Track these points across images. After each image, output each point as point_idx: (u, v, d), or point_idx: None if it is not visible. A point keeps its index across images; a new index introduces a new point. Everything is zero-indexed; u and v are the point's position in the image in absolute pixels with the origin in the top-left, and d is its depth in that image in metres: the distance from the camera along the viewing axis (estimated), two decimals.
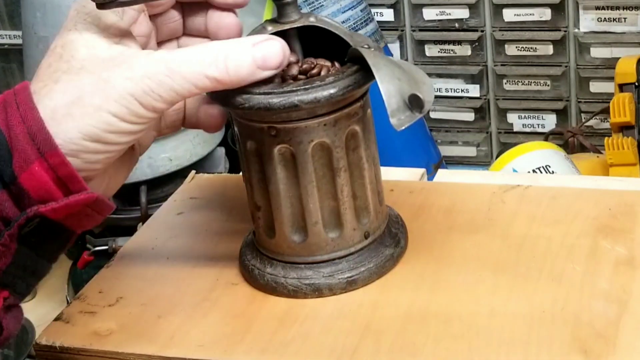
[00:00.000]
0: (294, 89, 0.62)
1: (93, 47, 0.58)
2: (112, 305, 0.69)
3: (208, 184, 0.84)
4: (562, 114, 1.68)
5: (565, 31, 1.61)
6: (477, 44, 1.67)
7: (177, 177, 1.28)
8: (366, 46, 0.64)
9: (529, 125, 1.70)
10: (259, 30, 0.64)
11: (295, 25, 0.64)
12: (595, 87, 1.63)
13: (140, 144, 0.67)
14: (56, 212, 0.56)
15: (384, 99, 0.59)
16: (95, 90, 0.57)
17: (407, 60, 1.73)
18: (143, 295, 0.70)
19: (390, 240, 0.70)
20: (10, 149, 0.55)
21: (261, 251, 0.69)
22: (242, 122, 0.65)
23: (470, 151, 1.76)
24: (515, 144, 1.52)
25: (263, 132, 0.64)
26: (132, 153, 0.66)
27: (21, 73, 1.58)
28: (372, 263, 0.69)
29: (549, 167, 1.44)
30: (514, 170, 1.45)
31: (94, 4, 0.58)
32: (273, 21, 0.65)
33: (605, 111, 1.50)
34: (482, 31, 1.66)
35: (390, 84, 0.60)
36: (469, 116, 1.74)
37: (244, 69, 0.59)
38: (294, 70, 0.64)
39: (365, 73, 0.63)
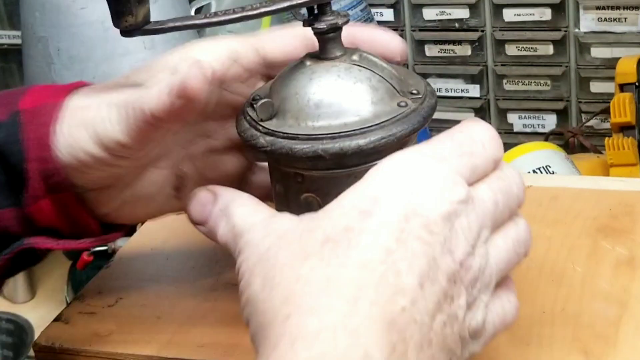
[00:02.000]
0: (319, 135, 0.54)
1: None
2: (111, 305, 0.69)
3: None
4: (562, 114, 1.68)
5: (565, 31, 1.61)
6: (477, 44, 1.67)
7: None
8: (414, 96, 0.57)
9: (529, 126, 1.70)
10: (298, 65, 0.57)
11: (337, 64, 0.56)
12: (596, 87, 1.63)
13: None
14: (51, 250, 0.59)
15: None
16: None
17: (406, 60, 1.73)
18: (143, 296, 0.69)
19: None
20: (25, 180, 0.57)
21: None
22: (271, 163, 0.59)
23: None
24: (515, 144, 1.52)
25: (289, 177, 0.57)
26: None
27: (20, 73, 1.58)
28: None
29: (549, 167, 1.44)
30: None
31: None
32: (313, 56, 0.57)
33: (606, 111, 1.50)
34: (482, 31, 1.66)
35: None
36: (469, 116, 1.74)
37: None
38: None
39: (407, 121, 0.55)
